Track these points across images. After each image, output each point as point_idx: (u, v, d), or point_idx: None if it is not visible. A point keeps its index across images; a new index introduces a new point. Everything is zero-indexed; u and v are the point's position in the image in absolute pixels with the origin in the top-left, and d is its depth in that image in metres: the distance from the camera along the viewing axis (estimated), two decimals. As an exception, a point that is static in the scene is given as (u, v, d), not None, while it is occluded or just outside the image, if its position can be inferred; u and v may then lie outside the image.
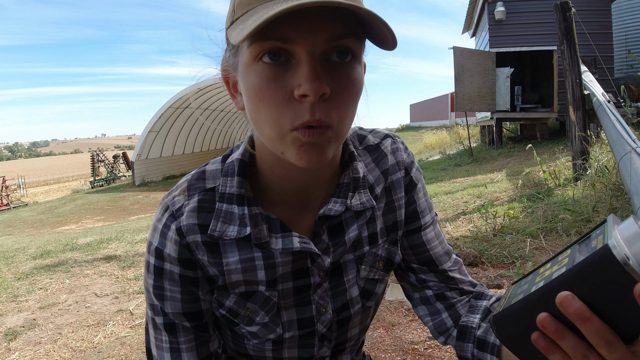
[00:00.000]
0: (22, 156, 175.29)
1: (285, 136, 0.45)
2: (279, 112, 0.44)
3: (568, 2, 4.33)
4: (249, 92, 0.46)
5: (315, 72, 0.43)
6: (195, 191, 0.57)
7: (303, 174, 0.56)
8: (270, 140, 0.48)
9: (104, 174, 18.96)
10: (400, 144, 0.68)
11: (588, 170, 4.16)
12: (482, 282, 2.39)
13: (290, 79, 0.44)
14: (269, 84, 0.44)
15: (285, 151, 0.47)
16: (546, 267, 0.43)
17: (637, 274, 0.33)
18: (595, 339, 0.35)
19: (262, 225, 0.55)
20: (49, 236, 6.75)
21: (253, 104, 0.46)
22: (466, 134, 11.31)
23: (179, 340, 0.58)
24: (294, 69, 0.44)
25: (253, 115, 0.48)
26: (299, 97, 0.43)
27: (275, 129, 0.46)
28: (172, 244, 0.55)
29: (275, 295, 0.58)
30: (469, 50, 9.40)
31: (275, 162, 0.55)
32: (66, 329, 2.80)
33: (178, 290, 0.56)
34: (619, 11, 10.47)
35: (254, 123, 0.49)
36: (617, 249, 0.33)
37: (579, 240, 0.42)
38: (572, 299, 0.35)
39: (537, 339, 0.38)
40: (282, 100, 0.44)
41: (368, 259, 0.64)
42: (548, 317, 0.37)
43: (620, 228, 0.37)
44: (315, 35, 0.43)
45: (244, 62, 0.47)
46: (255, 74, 0.45)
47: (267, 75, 0.44)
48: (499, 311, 0.41)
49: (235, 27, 0.45)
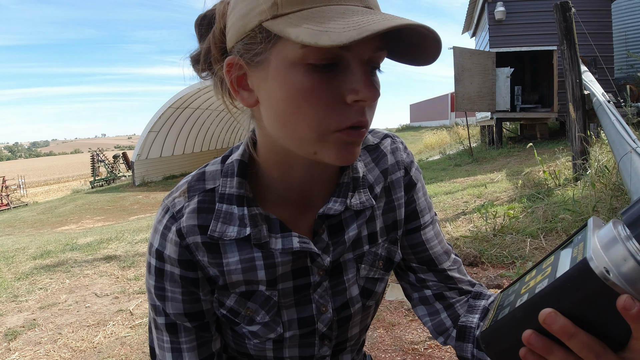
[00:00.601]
0: (22, 156, 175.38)
1: (326, 137, 0.47)
2: (326, 114, 0.45)
3: (568, 2, 4.33)
4: (291, 92, 0.45)
5: (370, 79, 0.46)
6: (195, 192, 0.57)
7: (306, 173, 0.56)
8: (302, 140, 0.48)
9: (104, 174, 18.96)
10: (400, 143, 0.68)
11: (588, 170, 4.16)
12: (482, 282, 2.39)
13: (341, 84, 0.45)
14: (320, 86, 0.44)
15: (321, 151, 0.48)
16: (531, 274, 0.42)
17: (618, 286, 0.32)
18: (583, 352, 0.35)
19: (262, 225, 0.55)
20: (49, 236, 6.75)
21: (293, 104, 0.45)
22: (466, 134, 11.31)
23: (180, 340, 0.58)
24: (343, 74, 0.45)
25: (286, 115, 0.47)
26: (352, 102, 0.45)
27: (316, 130, 0.46)
28: (173, 246, 0.55)
29: (275, 294, 0.58)
30: (469, 50, 9.40)
31: (279, 162, 0.55)
32: (66, 329, 2.80)
33: (179, 291, 0.56)
34: (619, 11, 10.47)
35: (283, 122, 0.48)
36: (594, 262, 0.33)
37: (562, 245, 0.42)
38: (555, 316, 0.35)
39: (525, 354, 0.38)
40: (331, 103, 0.45)
41: (368, 258, 0.64)
42: (533, 333, 0.37)
43: (600, 235, 0.36)
44: (367, 44, 0.45)
45: (285, 60, 0.45)
46: (303, 75, 0.44)
47: (318, 78, 0.44)
48: (487, 327, 0.41)
49: (296, 25, 0.42)
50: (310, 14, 0.42)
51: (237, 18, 0.47)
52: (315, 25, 0.41)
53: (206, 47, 0.53)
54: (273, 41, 0.45)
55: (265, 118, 0.50)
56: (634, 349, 0.35)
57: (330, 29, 0.40)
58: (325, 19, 0.41)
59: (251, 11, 0.45)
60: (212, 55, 0.52)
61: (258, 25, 0.45)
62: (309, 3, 0.43)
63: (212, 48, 0.52)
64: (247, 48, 0.47)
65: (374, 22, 0.39)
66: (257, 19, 0.45)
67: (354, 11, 0.42)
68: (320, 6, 0.43)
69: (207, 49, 0.53)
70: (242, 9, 0.47)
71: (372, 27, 0.38)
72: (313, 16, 0.42)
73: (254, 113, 0.54)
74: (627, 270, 0.32)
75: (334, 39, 0.38)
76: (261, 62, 0.47)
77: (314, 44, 0.39)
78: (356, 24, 0.40)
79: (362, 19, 0.40)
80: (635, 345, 0.34)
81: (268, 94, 0.48)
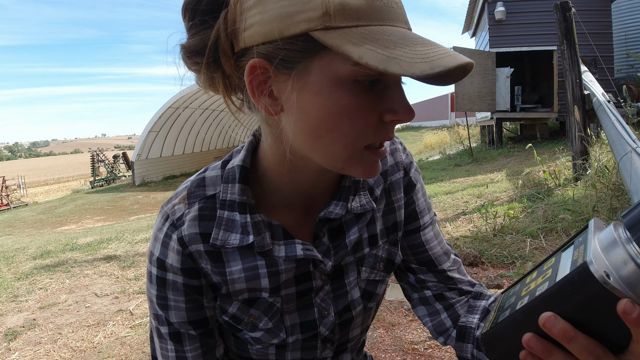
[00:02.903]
0: (22, 156, 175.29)
1: (357, 154, 0.47)
2: (364, 132, 0.46)
3: (568, 2, 4.33)
4: (334, 108, 0.44)
5: (406, 99, 0.47)
6: (196, 199, 0.55)
7: (314, 179, 0.56)
8: (333, 156, 0.47)
9: (104, 174, 18.95)
10: (399, 144, 0.68)
11: (588, 170, 4.16)
12: (482, 282, 2.39)
13: (381, 102, 0.46)
14: (364, 106, 0.45)
15: (348, 167, 0.48)
16: (532, 276, 0.42)
17: (619, 290, 0.32)
18: (583, 356, 0.35)
19: (265, 232, 0.55)
20: (49, 236, 6.75)
21: (334, 121, 0.44)
22: (466, 134, 11.30)
23: (185, 348, 0.57)
24: (381, 92, 0.46)
25: (321, 130, 0.45)
26: (390, 121, 0.46)
27: (349, 147, 0.46)
28: (175, 254, 0.54)
29: (278, 301, 0.58)
30: (469, 50, 9.40)
31: (290, 169, 0.54)
32: (66, 329, 2.80)
33: (182, 299, 0.55)
34: (619, 11, 10.47)
35: (316, 136, 0.46)
36: (595, 266, 0.32)
37: (563, 246, 0.42)
38: (555, 319, 0.35)
39: (525, 357, 0.38)
40: (372, 122, 0.46)
41: (369, 261, 0.64)
42: (533, 337, 0.37)
43: (600, 237, 0.36)
44: None
45: (331, 74, 0.43)
46: (350, 93, 0.44)
47: (364, 98, 0.44)
48: (487, 329, 0.41)
49: (357, 44, 0.40)
50: (370, 34, 0.41)
51: (270, 17, 0.42)
52: (381, 50, 0.40)
53: (214, 38, 0.46)
54: (318, 53, 0.43)
55: (290, 128, 0.47)
56: (635, 353, 0.35)
57: (398, 56, 0.39)
58: (390, 43, 0.41)
59: (294, 15, 0.41)
60: (222, 49, 0.46)
61: (304, 32, 0.41)
62: (365, 20, 0.41)
63: (223, 40, 0.46)
64: (281, 54, 0.43)
65: (440, 56, 0.40)
66: (303, 26, 0.41)
67: (412, 38, 0.42)
68: (377, 25, 0.42)
69: (214, 41, 0.46)
70: (277, 8, 0.42)
71: (443, 63, 0.39)
72: (374, 37, 0.41)
73: (269, 120, 0.50)
74: (627, 273, 0.32)
75: (406, 69, 0.38)
76: (297, 72, 0.44)
77: (382, 69, 0.38)
78: (425, 55, 0.40)
79: (427, 50, 0.41)
80: (635, 348, 0.34)
81: (303, 107, 0.45)
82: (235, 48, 0.47)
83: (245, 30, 0.45)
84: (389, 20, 0.43)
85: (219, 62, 0.48)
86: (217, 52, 0.47)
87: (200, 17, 0.48)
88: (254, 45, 0.44)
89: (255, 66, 0.45)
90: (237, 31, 0.45)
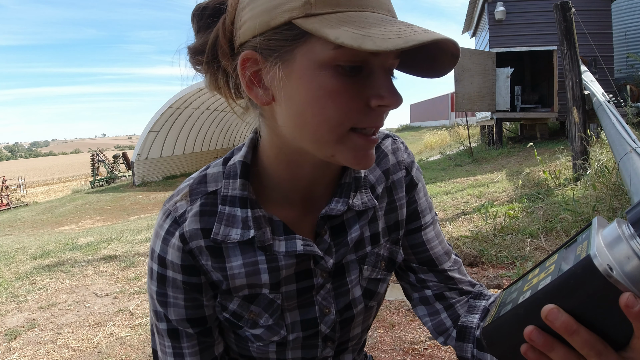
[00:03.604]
0: (22, 156, 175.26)
1: (344, 138, 0.47)
2: (348, 115, 0.46)
3: (568, 2, 4.33)
4: (317, 92, 0.45)
5: (393, 85, 0.47)
6: (198, 195, 0.56)
7: (314, 173, 0.56)
8: (321, 142, 0.48)
9: (104, 174, 18.95)
10: (401, 143, 0.68)
11: (588, 170, 4.16)
12: (482, 282, 2.39)
13: (365, 88, 0.46)
14: (347, 89, 0.45)
15: (339, 153, 0.48)
16: (534, 273, 0.42)
17: (621, 284, 0.32)
18: (584, 350, 0.35)
19: (266, 227, 0.55)
20: (49, 236, 6.75)
21: (318, 105, 0.45)
22: (466, 134, 11.31)
23: (182, 345, 0.58)
24: (366, 78, 0.46)
25: (307, 115, 0.46)
26: (376, 107, 0.46)
27: (335, 131, 0.47)
28: (175, 251, 0.54)
29: (278, 297, 0.58)
30: (469, 50, 9.40)
31: (289, 162, 0.55)
32: (66, 329, 2.80)
33: (181, 297, 0.56)
34: (619, 11, 10.47)
35: (303, 123, 0.47)
36: (598, 259, 0.33)
37: (565, 243, 0.42)
38: (558, 312, 0.35)
39: (526, 351, 0.38)
40: (355, 106, 0.46)
41: (370, 259, 0.64)
42: (535, 330, 0.37)
43: (604, 233, 0.36)
44: (392, 52, 0.45)
45: (313, 60, 0.44)
46: (332, 77, 0.44)
47: (346, 81, 0.45)
48: (489, 323, 0.41)
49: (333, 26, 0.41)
50: (348, 18, 0.42)
51: (259, 12, 0.45)
52: (356, 29, 0.41)
53: (213, 38, 0.50)
54: (300, 40, 0.44)
55: (281, 117, 0.49)
56: (636, 348, 0.35)
57: (372, 34, 0.40)
58: (366, 24, 0.41)
59: (279, 6, 0.44)
60: (220, 47, 0.50)
61: (287, 22, 0.44)
62: (344, 6, 0.43)
63: (221, 39, 0.49)
64: (269, 44, 0.45)
65: (416, 32, 0.40)
66: (286, 15, 0.43)
67: (390, 21, 0.43)
68: (355, 11, 0.43)
69: (214, 40, 0.50)
70: (265, 3, 0.45)
71: (417, 38, 0.39)
72: (351, 20, 0.42)
73: (264, 112, 0.53)
74: (630, 268, 0.32)
75: (379, 44, 0.39)
76: (283, 60, 0.46)
77: (357, 47, 0.39)
78: (399, 32, 0.40)
79: (402, 28, 0.41)
80: (636, 344, 0.34)
81: (289, 93, 0.46)
82: (234, 47, 0.49)
83: (240, 28, 0.48)
84: (368, 7, 0.44)
85: (219, 61, 0.51)
86: (215, 50, 0.50)
87: (205, 20, 0.52)
88: (246, 40, 0.47)
89: (246, 58, 0.47)
90: (234, 30, 0.49)
